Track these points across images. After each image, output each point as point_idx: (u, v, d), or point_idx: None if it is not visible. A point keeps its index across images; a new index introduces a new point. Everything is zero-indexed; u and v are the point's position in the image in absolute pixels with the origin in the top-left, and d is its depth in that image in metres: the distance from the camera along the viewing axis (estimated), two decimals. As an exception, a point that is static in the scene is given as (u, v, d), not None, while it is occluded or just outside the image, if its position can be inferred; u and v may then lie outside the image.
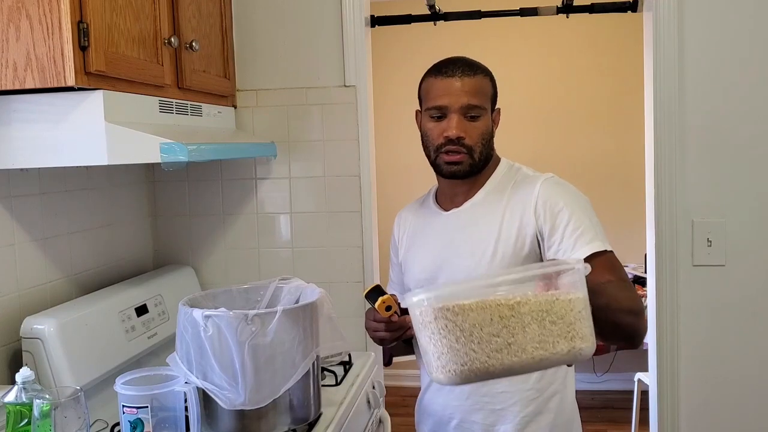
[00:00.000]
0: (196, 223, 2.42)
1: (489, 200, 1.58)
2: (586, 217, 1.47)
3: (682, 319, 2.17)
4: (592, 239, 1.44)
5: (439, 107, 1.54)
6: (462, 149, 1.54)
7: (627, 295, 1.35)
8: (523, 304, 1.02)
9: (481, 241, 1.54)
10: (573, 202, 1.50)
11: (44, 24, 1.44)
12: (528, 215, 1.50)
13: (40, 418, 1.31)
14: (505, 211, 1.54)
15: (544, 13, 2.40)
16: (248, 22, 2.34)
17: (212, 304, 1.65)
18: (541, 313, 1.03)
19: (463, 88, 1.52)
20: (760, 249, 2.14)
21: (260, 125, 2.35)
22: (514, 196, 1.55)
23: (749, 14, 2.10)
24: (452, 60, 1.58)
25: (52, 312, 1.73)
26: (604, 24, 4.12)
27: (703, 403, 2.19)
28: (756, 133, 2.12)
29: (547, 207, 1.49)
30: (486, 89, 1.56)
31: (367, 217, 2.33)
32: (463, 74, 1.53)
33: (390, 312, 1.42)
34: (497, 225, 1.53)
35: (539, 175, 1.57)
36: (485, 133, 1.56)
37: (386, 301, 1.42)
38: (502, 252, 1.51)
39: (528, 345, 1.02)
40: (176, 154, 1.53)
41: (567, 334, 1.03)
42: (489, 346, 1.01)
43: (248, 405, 1.50)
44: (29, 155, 1.57)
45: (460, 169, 1.56)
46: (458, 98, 1.52)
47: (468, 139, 1.53)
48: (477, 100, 1.53)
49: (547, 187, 1.53)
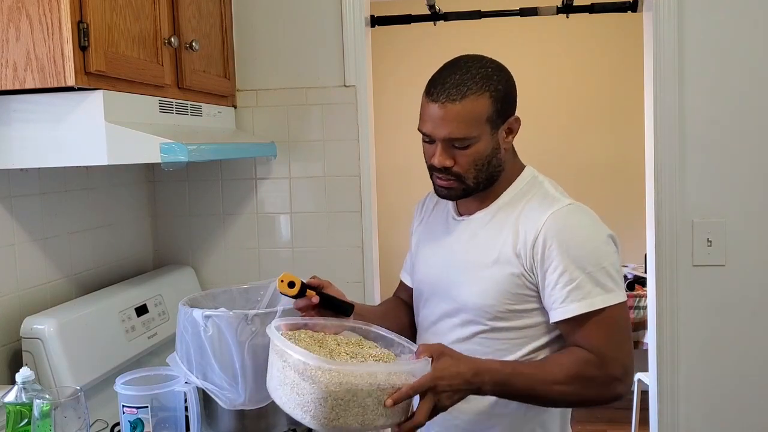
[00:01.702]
0: (196, 223, 2.42)
1: (499, 216, 1.45)
2: (589, 265, 1.34)
3: (682, 319, 2.17)
4: (585, 295, 1.33)
5: (424, 133, 1.42)
6: (450, 177, 1.42)
7: (566, 374, 1.32)
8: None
9: (480, 259, 1.43)
10: (577, 246, 1.36)
11: (44, 24, 1.44)
12: (527, 246, 1.38)
13: (40, 418, 1.31)
14: (510, 232, 1.41)
15: (544, 13, 2.40)
16: (248, 22, 2.34)
17: (212, 304, 1.65)
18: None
19: (445, 118, 1.36)
20: (760, 249, 2.14)
21: (260, 125, 2.35)
22: (523, 218, 1.41)
23: (749, 14, 2.10)
24: (446, 71, 1.41)
25: (52, 312, 1.73)
26: (604, 24, 4.12)
27: (703, 403, 2.19)
28: (756, 133, 2.12)
29: (546, 246, 1.36)
30: (479, 112, 1.36)
31: (367, 217, 2.33)
32: (447, 99, 1.36)
33: (296, 288, 1.40)
34: (498, 246, 1.41)
35: (555, 200, 1.42)
36: (479, 158, 1.40)
37: (284, 278, 1.40)
38: (498, 275, 1.40)
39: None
40: (176, 154, 1.53)
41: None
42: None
43: (248, 405, 1.50)
44: (29, 155, 1.57)
45: (452, 194, 1.46)
46: (440, 129, 1.38)
47: (456, 166, 1.40)
48: (463, 131, 1.36)
49: (556, 220, 1.37)
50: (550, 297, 1.37)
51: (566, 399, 1.36)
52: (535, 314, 1.41)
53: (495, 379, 1.29)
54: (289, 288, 1.40)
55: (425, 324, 1.55)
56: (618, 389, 1.35)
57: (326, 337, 1.39)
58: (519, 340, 1.42)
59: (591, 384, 1.34)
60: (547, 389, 1.32)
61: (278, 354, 1.26)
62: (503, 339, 1.41)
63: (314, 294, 1.42)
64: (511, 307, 1.40)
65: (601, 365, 1.33)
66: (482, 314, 1.42)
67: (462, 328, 1.45)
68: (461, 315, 1.45)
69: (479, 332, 1.43)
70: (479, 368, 1.29)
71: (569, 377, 1.32)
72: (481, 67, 1.40)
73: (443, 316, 1.49)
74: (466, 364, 1.29)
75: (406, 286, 1.70)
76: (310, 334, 1.38)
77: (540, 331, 1.42)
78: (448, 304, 1.48)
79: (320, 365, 1.20)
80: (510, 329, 1.41)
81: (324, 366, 1.20)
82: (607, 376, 1.34)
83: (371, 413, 1.22)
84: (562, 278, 1.35)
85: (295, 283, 1.40)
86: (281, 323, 1.36)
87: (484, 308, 1.41)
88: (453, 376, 1.26)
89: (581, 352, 1.34)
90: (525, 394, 1.34)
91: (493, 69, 1.41)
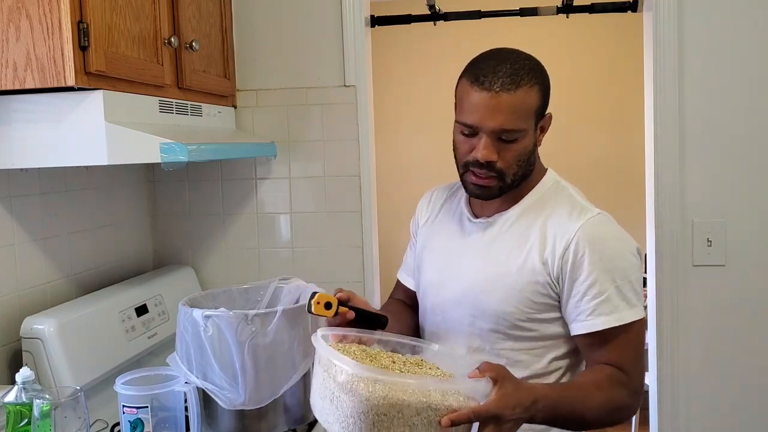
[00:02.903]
0: (196, 223, 2.42)
1: (522, 221, 1.40)
2: (618, 278, 1.31)
3: (682, 319, 2.17)
4: (612, 310, 1.30)
5: (469, 125, 1.33)
6: (491, 173, 1.34)
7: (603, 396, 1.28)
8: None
9: (502, 265, 1.38)
10: (608, 258, 1.32)
11: (44, 24, 1.44)
12: (556, 254, 1.33)
13: (40, 418, 1.31)
14: (537, 239, 1.36)
15: (544, 13, 2.40)
16: (248, 22, 2.33)
17: (212, 304, 1.65)
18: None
19: (498, 107, 1.29)
20: (760, 249, 2.14)
21: (260, 125, 2.35)
22: (551, 225, 1.36)
23: (749, 14, 2.10)
24: (495, 60, 1.32)
25: (52, 312, 1.73)
26: (604, 24, 4.12)
27: (703, 403, 2.19)
28: (756, 133, 2.12)
29: (577, 256, 1.32)
30: (530, 104, 1.32)
31: (367, 217, 2.33)
32: (502, 89, 1.28)
33: (333, 309, 1.32)
34: (524, 252, 1.36)
35: (585, 209, 1.37)
36: (523, 154, 1.34)
37: (320, 300, 1.32)
38: (521, 282, 1.35)
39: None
40: (176, 154, 1.53)
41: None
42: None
43: (248, 405, 1.50)
44: (29, 155, 1.57)
45: (488, 194, 1.37)
46: (492, 119, 1.29)
47: (500, 162, 1.33)
48: (515, 123, 1.30)
49: (589, 230, 1.33)
50: (576, 308, 1.33)
51: (600, 421, 1.30)
52: (556, 324, 1.37)
53: (547, 405, 1.21)
54: (326, 309, 1.32)
55: (436, 330, 1.48)
56: (635, 408, 1.33)
57: (380, 353, 1.27)
58: (539, 350, 1.38)
59: (618, 406, 1.30)
60: (586, 413, 1.27)
61: (321, 364, 1.17)
62: (522, 349, 1.37)
63: (348, 310, 1.35)
64: (532, 315, 1.36)
65: (627, 383, 1.31)
66: (502, 322, 1.36)
67: (480, 337, 1.39)
68: (479, 322, 1.39)
69: (498, 341, 1.37)
70: (537, 395, 1.20)
71: (605, 399, 1.28)
72: (526, 59, 1.35)
73: (458, 323, 1.42)
74: (526, 391, 1.19)
75: (406, 288, 1.64)
76: (362, 348, 1.27)
77: (560, 340, 1.38)
78: (465, 311, 1.41)
79: (361, 374, 1.08)
80: (530, 339, 1.37)
81: (365, 375, 1.08)
82: (632, 394, 1.32)
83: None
84: (591, 290, 1.31)
85: (332, 304, 1.32)
86: (329, 333, 1.26)
87: (504, 316, 1.36)
88: (515, 405, 1.15)
89: (612, 371, 1.30)
90: (569, 419, 1.27)
91: (535, 62, 1.37)
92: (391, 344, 1.32)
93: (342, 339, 1.28)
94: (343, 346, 1.25)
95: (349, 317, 1.35)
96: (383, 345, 1.31)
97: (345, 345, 1.26)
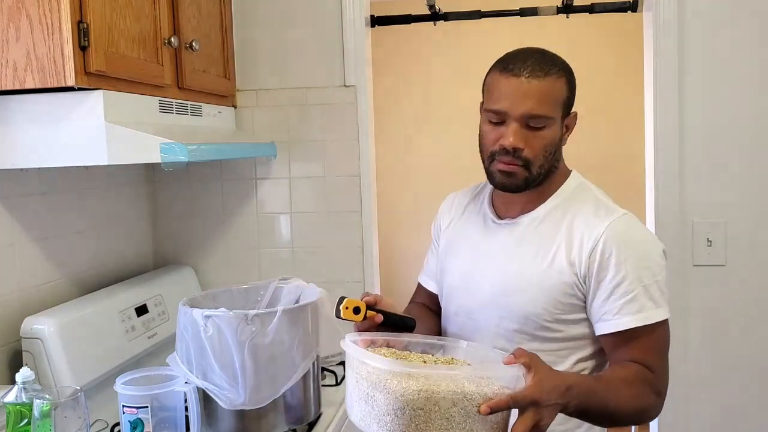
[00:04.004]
0: (196, 223, 2.42)
1: (548, 222, 1.40)
2: (645, 278, 1.32)
3: (682, 319, 2.17)
4: (639, 309, 1.30)
5: (497, 111, 1.34)
6: (518, 161, 1.34)
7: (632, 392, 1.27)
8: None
9: (529, 266, 1.38)
10: (635, 258, 1.33)
11: (44, 24, 1.44)
12: (583, 255, 1.33)
13: (40, 418, 1.31)
14: (563, 239, 1.36)
15: (544, 13, 2.40)
16: (248, 22, 2.34)
17: (212, 304, 1.65)
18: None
19: (528, 93, 1.31)
20: (760, 249, 2.14)
21: (260, 125, 2.35)
22: (577, 225, 1.37)
23: (749, 14, 2.11)
24: (524, 53, 1.36)
25: (52, 312, 1.73)
26: (604, 24, 4.12)
27: (703, 403, 2.19)
28: (756, 133, 2.12)
29: (605, 256, 1.32)
30: (559, 94, 1.34)
31: (367, 217, 2.33)
32: (531, 75, 1.31)
33: (361, 313, 1.32)
34: (551, 253, 1.36)
35: (611, 210, 1.38)
36: (550, 144, 1.35)
37: (348, 305, 1.31)
38: (549, 283, 1.35)
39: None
40: (176, 154, 1.53)
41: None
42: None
43: (248, 405, 1.50)
44: (29, 155, 1.57)
45: (514, 182, 1.37)
46: (521, 104, 1.31)
47: (527, 150, 1.33)
48: (543, 109, 1.32)
49: (616, 230, 1.34)
50: (602, 308, 1.32)
51: (627, 419, 1.30)
52: (582, 325, 1.37)
53: (581, 393, 1.19)
54: (355, 314, 1.31)
55: (460, 333, 1.46)
56: (659, 409, 1.32)
57: (411, 354, 1.26)
58: (564, 351, 1.37)
59: (644, 406, 1.29)
60: (616, 408, 1.26)
61: (352, 368, 1.17)
62: (548, 350, 1.35)
63: (375, 314, 1.34)
64: (558, 316, 1.35)
65: (653, 382, 1.31)
66: (529, 323, 1.36)
67: (505, 338, 1.38)
68: (505, 323, 1.38)
69: (523, 342, 1.36)
70: (570, 382, 1.18)
71: (633, 396, 1.27)
72: (553, 55, 1.39)
73: (484, 325, 1.42)
74: (560, 377, 1.19)
75: (429, 292, 1.63)
76: (392, 350, 1.26)
77: (585, 342, 1.38)
78: (492, 312, 1.41)
79: (393, 369, 1.08)
80: (555, 339, 1.37)
81: (397, 369, 1.08)
82: (657, 394, 1.31)
83: (459, 427, 1.07)
84: (618, 289, 1.31)
85: (360, 309, 1.32)
86: (358, 338, 1.25)
87: (531, 317, 1.36)
88: (551, 390, 1.13)
89: (639, 368, 1.30)
90: (599, 412, 1.25)
91: (562, 60, 1.40)
92: (420, 345, 1.32)
93: (371, 344, 1.27)
94: (373, 349, 1.24)
95: (377, 321, 1.34)
96: (412, 347, 1.31)
97: (375, 348, 1.25)
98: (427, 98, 4.32)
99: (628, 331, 1.31)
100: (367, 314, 1.33)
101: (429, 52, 4.27)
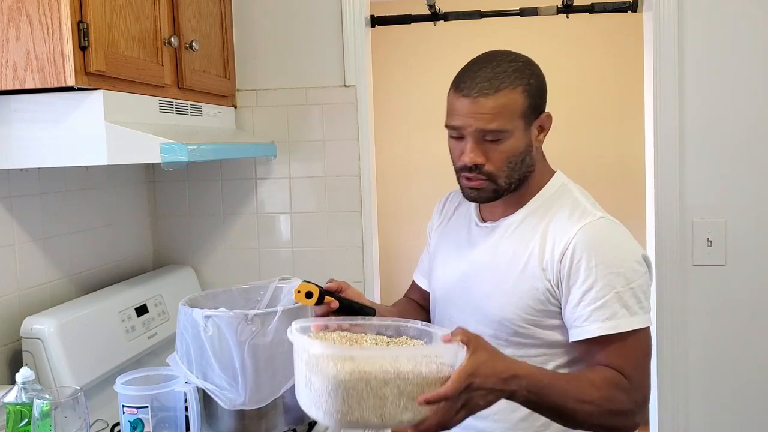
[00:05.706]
0: (196, 223, 2.42)
1: (526, 225, 1.39)
2: (618, 284, 1.28)
3: (682, 319, 2.17)
4: (610, 316, 1.26)
5: (454, 127, 1.35)
6: (481, 176, 1.34)
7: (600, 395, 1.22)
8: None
9: (503, 270, 1.37)
10: (607, 263, 1.29)
11: (44, 24, 1.44)
12: (555, 259, 1.32)
13: (40, 418, 1.31)
14: (537, 243, 1.35)
15: (544, 13, 2.40)
16: (248, 22, 2.34)
17: (212, 304, 1.65)
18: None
19: (478, 111, 1.30)
20: (760, 249, 2.14)
21: (260, 125, 2.35)
22: (552, 229, 1.35)
23: (749, 14, 2.10)
24: (475, 67, 1.35)
25: (52, 312, 1.73)
26: (604, 24, 4.12)
27: (703, 403, 2.19)
28: (756, 133, 2.12)
29: (575, 260, 1.29)
30: (513, 106, 1.31)
31: (367, 217, 2.33)
32: (480, 93, 1.30)
33: (314, 298, 1.35)
34: (524, 257, 1.35)
35: (587, 213, 1.35)
36: (513, 155, 1.33)
37: (302, 289, 1.35)
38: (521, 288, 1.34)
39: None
40: (176, 154, 1.53)
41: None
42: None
43: (248, 405, 1.50)
44: (29, 155, 1.57)
45: (482, 195, 1.37)
46: (474, 122, 1.31)
47: (488, 164, 1.33)
48: (496, 124, 1.30)
49: (587, 234, 1.31)
50: (573, 314, 1.30)
51: (589, 421, 1.24)
52: (558, 331, 1.34)
53: (531, 385, 1.17)
54: (307, 298, 1.35)
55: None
56: (636, 419, 1.27)
57: (364, 336, 1.28)
58: (541, 358, 1.35)
59: (616, 409, 1.24)
60: (577, 407, 1.21)
61: (297, 354, 1.18)
62: (524, 356, 1.32)
63: (332, 300, 1.36)
64: (532, 321, 1.34)
65: (628, 388, 1.26)
66: (503, 328, 1.35)
67: None
68: (481, 328, 1.35)
69: (499, 347, 1.31)
70: (517, 371, 1.16)
71: (600, 398, 1.23)
72: (512, 61, 1.35)
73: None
74: (503, 363, 1.16)
75: (420, 288, 1.64)
76: (345, 334, 1.27)
77: (564, 349, 1.35)
78: (467, 316, 1.40)
79: (326, 352, 1.09)
80: (532, 345, 1.35)
81: (327, 352, 1.09)
82: (633, 403, 1.26)
83: (392, 406, 1.08)
84: (587, 295, 1.28)
85: (312, 293, 1.35)
86: (311, 324, 1.26)
87: (504, 322, 1.35)
88: (488, 374, 1.12)
89: (611, 372, 1.26)
90: (555, 409, 1.21)
91: (524, 63, 1.37)
92: (375, 327, 1.31)
93: (324, 328, 1.27)
94: (323, 334, 1.25)
95: (333, 307, 1.37)
96: (367, 329, 1.31)
97: (325, 333, 1.26)
98: (427, 98, 4.32)
99: (600, 339, 1.27)
100: (325, 300, 1.36)
101: (429, 52, 4.27)
